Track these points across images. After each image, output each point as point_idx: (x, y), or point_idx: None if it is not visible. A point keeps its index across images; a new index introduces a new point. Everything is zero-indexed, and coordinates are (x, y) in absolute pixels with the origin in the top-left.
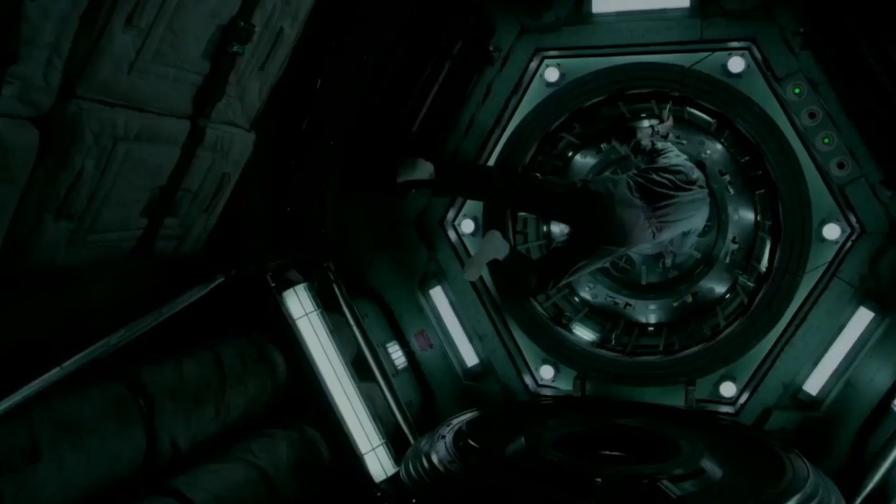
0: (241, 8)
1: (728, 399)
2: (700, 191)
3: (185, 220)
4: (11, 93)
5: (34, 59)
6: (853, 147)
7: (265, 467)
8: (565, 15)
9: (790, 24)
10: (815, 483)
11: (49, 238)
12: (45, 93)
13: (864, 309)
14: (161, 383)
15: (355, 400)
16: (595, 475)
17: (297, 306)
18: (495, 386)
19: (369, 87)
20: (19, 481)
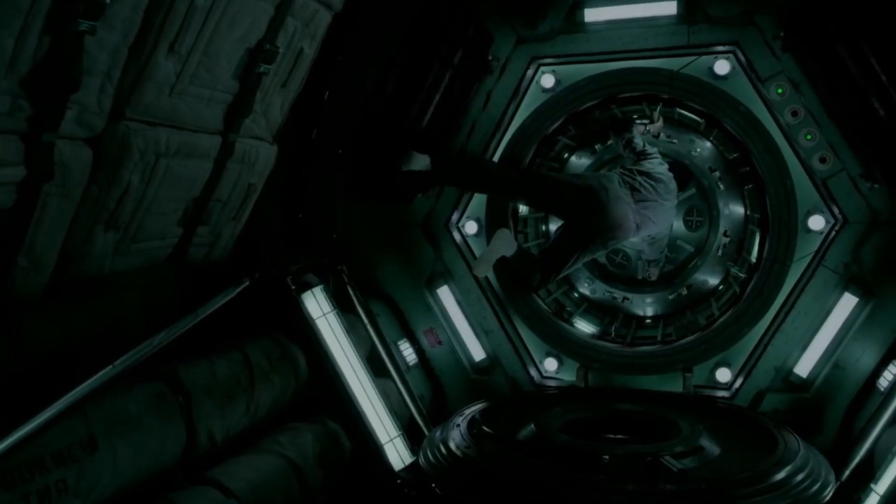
0: (266, 31)
1: (724, 384)
2: (670, 199)
3: (216, 227)
4: (70, 117)
5: (90, 86)
6: (834, 143)
7: (294, 458)
8: (559, 25)
9: (771, 28)
10: (806, 456)
11: (99, 248)
12: (98, 116)
13: (848, 294)
14: (197, 381)
15: (372, 394)
16: (602, 454)
17: (315, 307)
18: (502, 379)
19: (374, 98)
20: (80, 470)
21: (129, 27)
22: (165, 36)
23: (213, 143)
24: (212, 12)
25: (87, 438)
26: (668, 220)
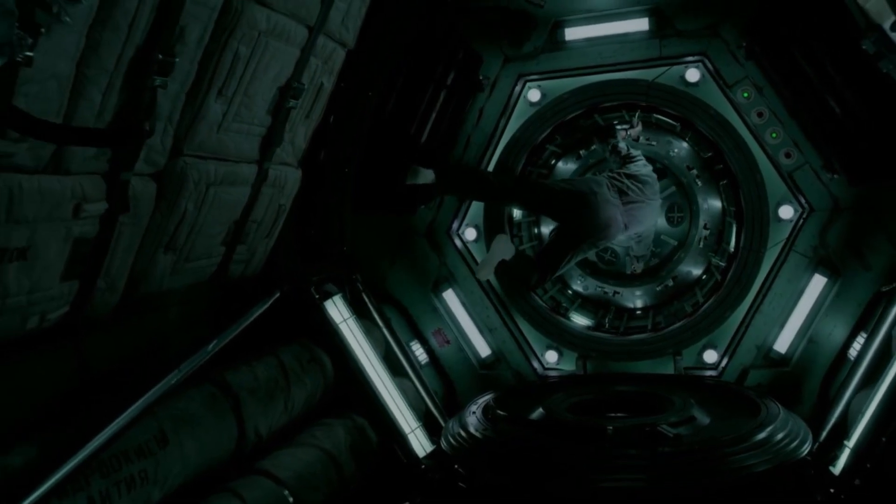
0: (294, 71)
1: (711, 364)
2: (655, 199)
3: (252, 245)
4: (140, 156)
5: (156, 129)
6: (797, 139)
7: (329, 449)
8: (542, 44)
9: (734, 39)
10: (785, 419)
11: (160, 268)
12: (161, 154)
13: (818, 275)
14: (241, 383)
15: (393, 391)
16: (606, 427)
17: (336, 314)
18: (507, 372)
19: (376, 119)
20: (156, 461)
21: (186, 77)
22: (215, 82)
23: (251, 171)
24: (251, 59)
25: (160, 435)
26: (653, 218)
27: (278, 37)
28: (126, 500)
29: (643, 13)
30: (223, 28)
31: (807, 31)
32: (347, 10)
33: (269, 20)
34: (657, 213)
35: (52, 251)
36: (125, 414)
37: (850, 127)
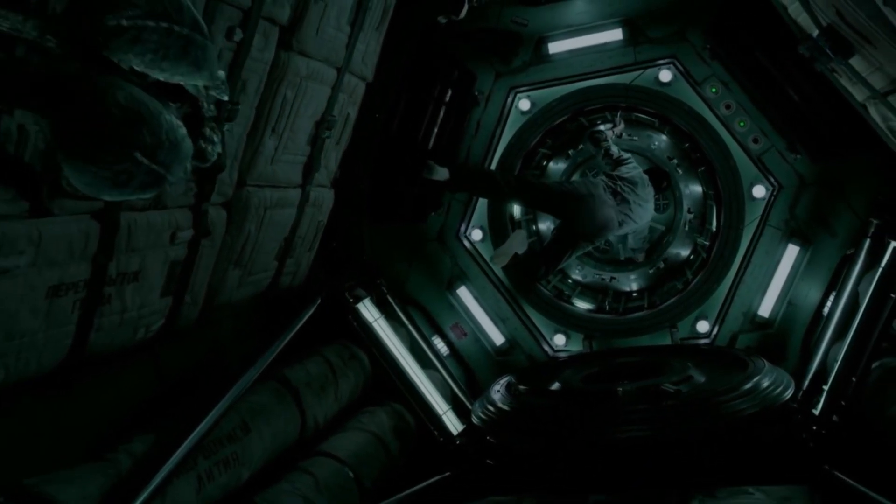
0: (326, 107)
1: (704, 333)
2: (648, 199)
3: (298, 258)
4: (215, 189)
5: (225, 166)
6: (762, 126)
7: (377, 432)
8: (529, 58)
9: (699, 42)
10: (770, 370)
11: (230, 283)
12: (229, 186)
13: (791, 245)
14: (298, 379)
15: (424, 379)
16: (616, 389)
17: (367, 315)
18: (521, 356)
19: (383, 138)
20: (243, 446)
21: (247, 121)
22: (269, 123)
23: (297, 194)
24: (295, 100)
25: (243, 424)
26: (646, 216)
27: (315, 79)
28: (224, 477)
29: (617, 24)
30: (274, 78)
31: (761, 33)
32: (366, 50)
33: (308, 67)
34: (650, 212)
35: (155, 273)
36: (217, 407)
37: (807, 112)
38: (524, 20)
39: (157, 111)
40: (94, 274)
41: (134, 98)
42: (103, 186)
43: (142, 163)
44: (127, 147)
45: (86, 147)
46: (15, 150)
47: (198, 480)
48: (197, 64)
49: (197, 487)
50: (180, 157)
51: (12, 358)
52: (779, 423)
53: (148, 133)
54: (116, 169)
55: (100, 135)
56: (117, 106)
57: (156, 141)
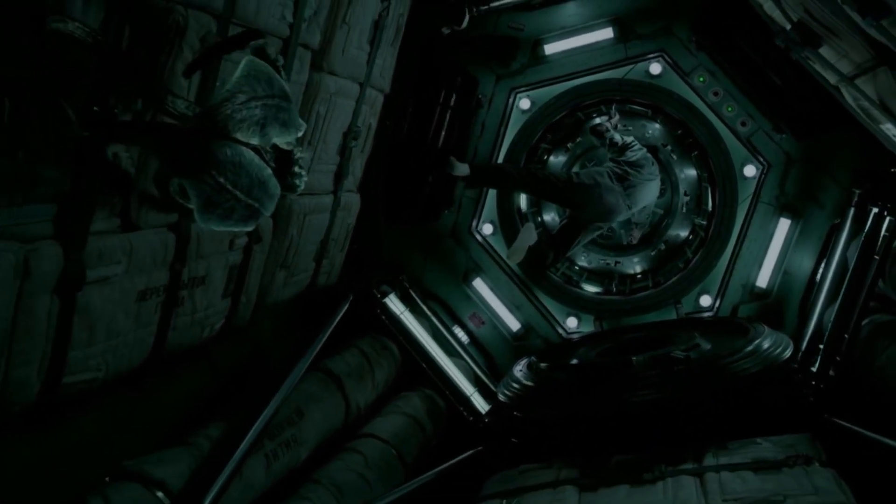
0: (352, 119)
1: (707, 307)
2: (655, 176)
3: (332, 259)
4: None
5: None
6: (748, 109)
7: (412, 414)
8: (527, 61)
9: (685, 35)
10: (770, 333)
11: (277, 284)
12: None
13: (783, 219)
14: (340, 369)
15: (450, 365)
16: (630, 359)
17: (395, 309)
18: (537, 340)
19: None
20: (299, 429)
21: None
22: (306, 137)
23: (330, 200)
24: (327, 115)
25: (297, 410)
26: (655, 193)
27: (342, 95)
28: (287, 457)
29: (607, 24)
30: (309, 96)
31: (742, 25)
32: (383, 64)
33: (336, 84)
34: (657, 187)
35: (218, 277)
36: (278, 395)
37: (789, 95)
38: (520, 25)
39: (250, 159)
40: (171, 279)
41: (235, 152)
42: (213, 218)
43: (241, 199)
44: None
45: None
46: (113, 172)
47: (266, 459)
48: (286, 125)
49: (266, 465)
50: (269, 193)
51: (111, 355)
52: (781, 382)
53: (246, 177)
54: (225, 206)
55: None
56: (225, 158)
57: (250, 182)
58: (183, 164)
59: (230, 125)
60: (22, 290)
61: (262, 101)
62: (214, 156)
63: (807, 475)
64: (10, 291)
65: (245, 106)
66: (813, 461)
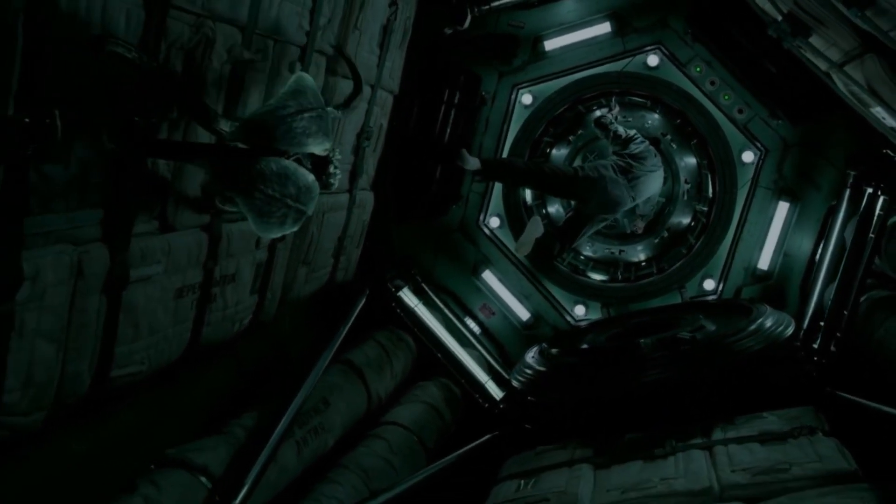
0: (364, 120)
1: (710, 291)
2: (658, 168)
3: (349, 255)
4: None
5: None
6: (745, 97)
7: (430, 402)
8: (528, 57)
9: (681, 27)
10: (772, 313)
11: (299, 279)
12: None
13: (782, 202)
14: (360, 361)
15: (464, 355)
16: (639, 341)
17: (409, 302)
18: (546, 328)
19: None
20: (325, 417)
21: None
22: None
23: (346, 198)
24: (342, 120)
25: (323, 399)
26: (658, 183)
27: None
28: (315, 443)
29: (604, 18)
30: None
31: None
32: (392, 66)
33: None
34: (661, 178)
35: (246, 274)
36: (305, 385)
37: (783, 82)
38: (520, 23)
39: (294, 168)
40: (205, 277)
41: (280, 165)
42: (271, 227)
43: (291, 206)
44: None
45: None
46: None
47: (297, 446)
48: (326, 133)
49: (297, 451)
50: (312, 195)
51: (153, 350)
52: (785, 358)
53: (292, 186)
54: (277, 214)
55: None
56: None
57: (297, 190)
58: (234, 181)
59: (279, 137)
60: (76, 289)
61: (308, 113)
62: (262, 172)
63: (811, 444)
64: (66, 290)
65: (293, 118)
66: (816, 431)
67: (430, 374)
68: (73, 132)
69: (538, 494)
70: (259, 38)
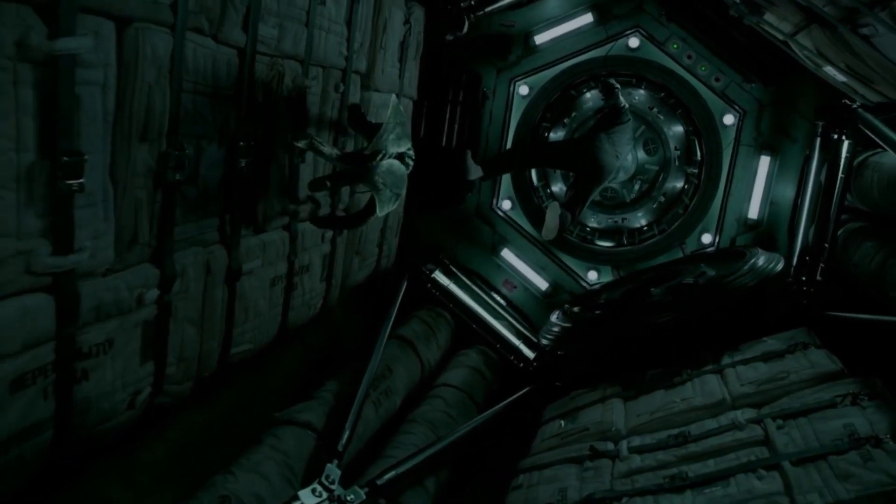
0: None
1: (709, 244)
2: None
3: (389, 244)
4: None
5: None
6: (719, 67)
7: (473, 366)
8: (521, 52)
9: (656, 10)
10: (763, 254)
11: (354, 268)
12: (347, 194)
13: (763, 156)
14: (410, 335)
15: (496, 324)
16: (650, 290)
17: (443, 282)
18: (564, 295)
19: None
20: (391, 382)
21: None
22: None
23: None
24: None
25: (387, 368)
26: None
27: (385, 107)
28: (387, 403)
29: (586, 10)
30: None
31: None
32: (410, 76)
33: (380, 98)
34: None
35: (317, 265)
36: (374, 355)
37: (752, 49)
38: (511, 22)
39: (397, 165)
40: (289, 268)
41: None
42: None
43: (395, 191)
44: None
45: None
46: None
47: (374, 405)
48: (408, 136)
49: (375, 410)
50: (405, 182)
51: (257, 331)
52: (778, 290)
53: (396, 177)
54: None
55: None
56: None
57: (398, 180)
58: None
59: (388, 142)
60: (206, 282)
61: (401, 125)
62: (378, 171)
63: (805, 356)
64: (201, 283)
65: (394, 129)
66: (809, 346)
67: (468, 344)
68: (201, 162)
69: (579, 427)
70: (313, 67)
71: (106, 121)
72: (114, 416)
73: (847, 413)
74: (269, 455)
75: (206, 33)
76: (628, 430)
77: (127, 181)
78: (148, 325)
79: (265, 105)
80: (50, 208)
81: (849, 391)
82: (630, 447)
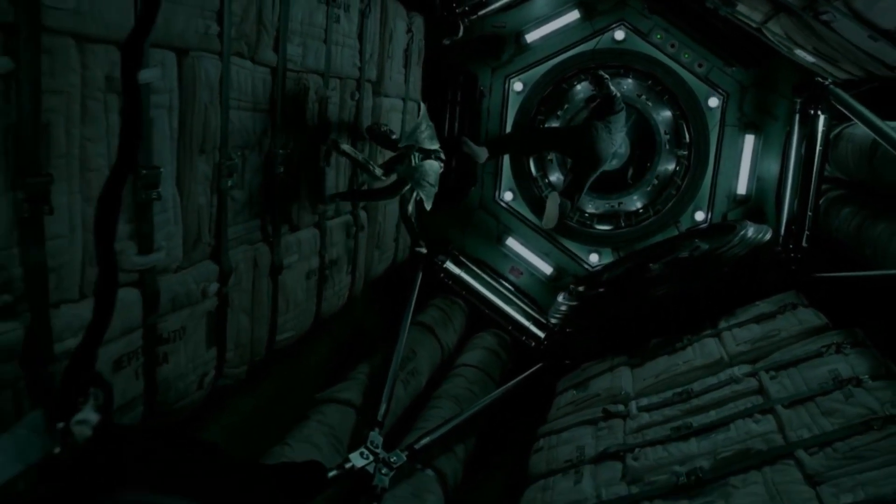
0: (401, 126)
1: (701, 221)
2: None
3: (404, 238)
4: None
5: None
6: (701, 54)
7: (489, 347)
8: (513, 51)
9: (638, 4)
10: (752, 225)
11: (374, 261)
12: None
13: (748, 135)
14: (428, 321)
15: (507, 307)
16: (648, 265)
17: (455, 271)
18: (569, 279)
19: None
20: (416, 363)
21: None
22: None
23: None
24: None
25: (412, 351)
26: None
27: (394, 110)
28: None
29: (573, 7)
30: (375, 116)
31: None
32: (414, 80)
33: (390, 103)
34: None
35: (343, 259)
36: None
37: (730, 35)
38: (503, 23)
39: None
40: (321, 262)
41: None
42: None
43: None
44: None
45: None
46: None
47: (402, 384)
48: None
49: (404, 388)
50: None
51: (297, 321)
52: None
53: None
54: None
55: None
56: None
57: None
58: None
59: (422, 141)
60: (255, 275)
61: (430, 127)
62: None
63: (794, 315)
64: (250, 277)
65: (425, 131)
66: (798, 306)
67: (481, 327)
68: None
69: (591, 394)
70: (332, 79)
71: (172, 138)
72: (187, 395)
73: (832, 360)
74: (317, 428)
75: (245, 56)
76: (636, 393)
77: (190, 189)
78: (211, 315)
79: (295, 116)
80: (134, 215)
81: (833, 342)
82: (639, 407)
